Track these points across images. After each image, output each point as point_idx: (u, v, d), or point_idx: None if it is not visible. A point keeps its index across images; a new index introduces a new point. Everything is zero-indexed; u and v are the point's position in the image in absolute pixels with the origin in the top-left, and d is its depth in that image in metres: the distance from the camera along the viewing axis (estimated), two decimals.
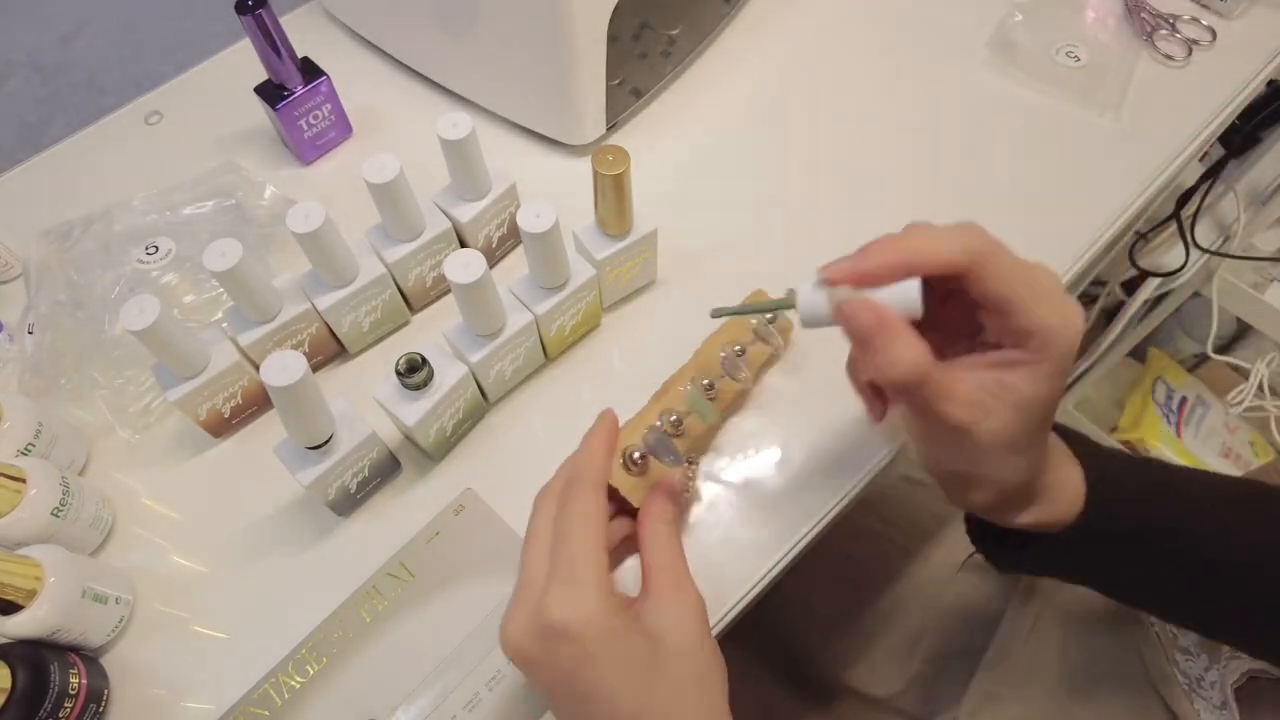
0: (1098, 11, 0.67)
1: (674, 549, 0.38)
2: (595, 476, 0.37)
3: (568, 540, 0.35)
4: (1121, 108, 0.61)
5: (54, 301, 0.51)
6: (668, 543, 0.38)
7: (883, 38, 0.68)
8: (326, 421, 0.42)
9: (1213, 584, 0.38)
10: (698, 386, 0.46)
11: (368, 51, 0.69)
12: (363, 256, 0.49)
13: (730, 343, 0.48)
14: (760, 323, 0.48)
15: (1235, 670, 0.42)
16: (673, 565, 0.38)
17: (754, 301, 0.40)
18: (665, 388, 0.46)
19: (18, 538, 0.41)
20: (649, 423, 0.43)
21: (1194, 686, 0.43)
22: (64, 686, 0.39)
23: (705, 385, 0.46)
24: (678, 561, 0.38)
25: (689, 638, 0.35)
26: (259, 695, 0.42)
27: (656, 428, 0.42)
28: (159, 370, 0.46)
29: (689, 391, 0.44)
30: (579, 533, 0.35)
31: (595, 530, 0.35)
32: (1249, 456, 1.26)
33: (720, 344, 0.48)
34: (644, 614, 0.36)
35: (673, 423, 0.43)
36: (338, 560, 0.46)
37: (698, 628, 0.36)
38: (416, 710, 0.42)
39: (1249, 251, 0.91)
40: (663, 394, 0.46)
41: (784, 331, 0.50)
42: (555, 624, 0.33)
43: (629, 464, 0.41)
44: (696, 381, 0.46)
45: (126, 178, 0.61)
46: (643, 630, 0.35)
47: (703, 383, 0.46)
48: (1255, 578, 0.38)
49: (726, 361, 0.47)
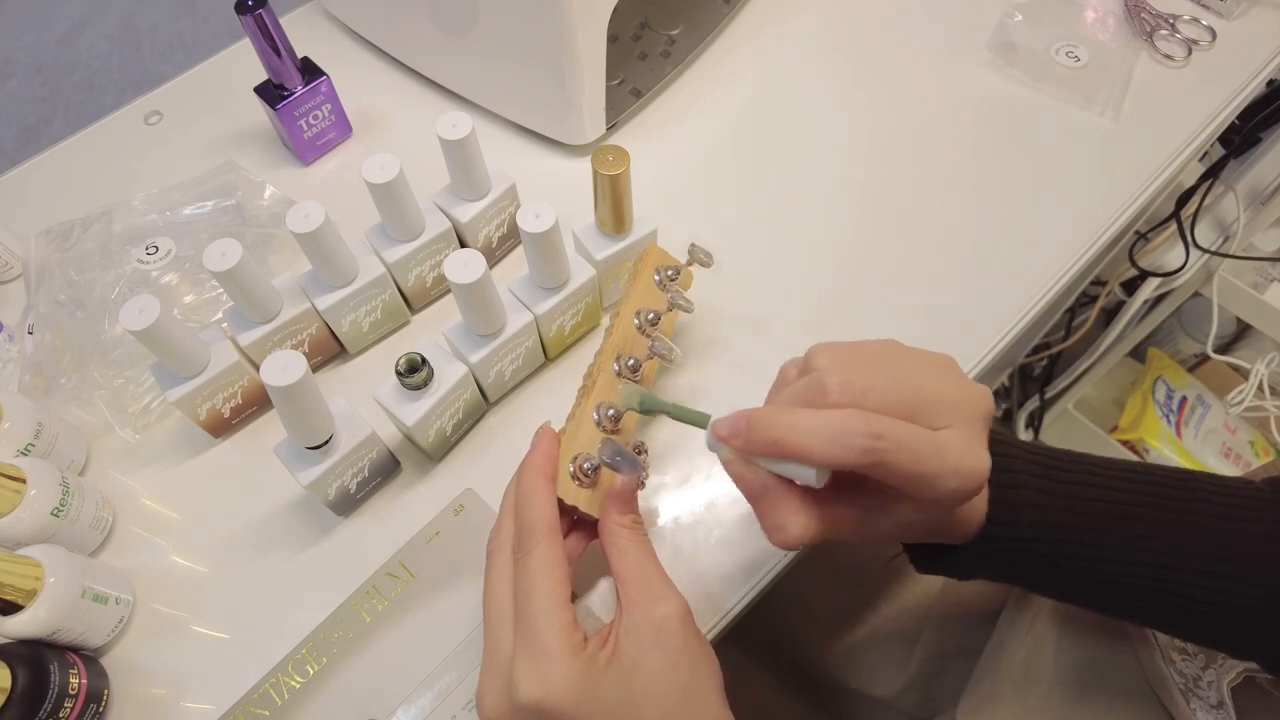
0: (1097, 11, 0.67)
1: (641, 554, 0.37)
2: (546, 524, 0.36)
3: (528, 602, 0.35)
4: (1121, 108, 0.61)
5: (54, 301, 0.51)
6: (633, 549, 0.37)
7: (883, 37, 0.68)
8: (326, 421, 0.42)
9: (1125, 588, 0.37)
10: (625, 369, 0.43)
11: (368, 51, 0.69)
12: (363, 256, 0.49)
13: (645, 310, 0.45)
14: (673, 291, 0.46)
15: (1231, 670, 0.42)
16: (641, 573, 0.36)
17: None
18: (591, 376, 0.43)
19: (18, 538, 0.41)
20: (587, 422, 0.41)
21: (1190, 687, 0.43)
22: (64, 686, 0.39)
23: (630, 366, 0.43)
24: (647, 567, 0.36)
25: (669, 653, 0.34)
26: (259, 695, 0.42)
27: (608, 438, 0.39)
28: (159, 370, 0.46)
29: (623, 389, 0.41)
30: (538, 590, 0.35)
31: (555, 584, 0.35)
32: (1249, 456, 1.26)
33: (633, 312, 0.45)
34: (621, 639, 0.35)
35: (611, 418, 0.41)
36: (338, 560, 0.46)
37: (677, 638, 0.34)
38: (416, 710, 0.42)
39: (1249, 251, 0.91)
40: (591, 387, 0.42)
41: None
42: (528, 704, 0.33)
43: (581, 475, 0.39)
44: (623, 362, 0.43)
45: (126, 178, 0.61)
46: (620, 665, 0.34)
47: (628, 363, 0.43)
48: (1170, 579, 0.37)
49: (656, 344, 0.43)
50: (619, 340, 0.44)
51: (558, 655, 0.33)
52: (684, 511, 0.47)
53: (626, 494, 0.38)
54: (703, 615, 0.44)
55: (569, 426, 0.41)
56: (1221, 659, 0.43)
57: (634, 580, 0.36)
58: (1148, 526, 0.37)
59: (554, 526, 0.36)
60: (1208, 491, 0.38)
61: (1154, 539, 0.37)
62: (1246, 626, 0.37)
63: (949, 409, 0.32)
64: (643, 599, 0.35)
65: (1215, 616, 0.37)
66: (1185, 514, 0.37)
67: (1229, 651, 0.42)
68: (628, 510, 0.38)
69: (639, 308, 0.45)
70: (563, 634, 0.33)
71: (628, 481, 0.38)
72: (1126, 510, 0.37)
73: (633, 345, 0.44)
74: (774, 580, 0.45)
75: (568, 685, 0.33)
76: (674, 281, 0.47)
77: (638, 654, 0.34)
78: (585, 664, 0.33)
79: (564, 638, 0.33)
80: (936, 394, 0.32)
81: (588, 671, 0.33)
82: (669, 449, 0.49)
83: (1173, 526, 0.37)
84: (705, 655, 0.36)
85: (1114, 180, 0.59)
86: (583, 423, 0.41)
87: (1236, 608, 0.37)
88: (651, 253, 0.48)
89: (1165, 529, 0.37)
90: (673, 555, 0.46)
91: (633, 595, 0.35)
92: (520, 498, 0.37)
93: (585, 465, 0.38)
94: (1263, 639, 0.37)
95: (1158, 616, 0.39)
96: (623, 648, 0.34)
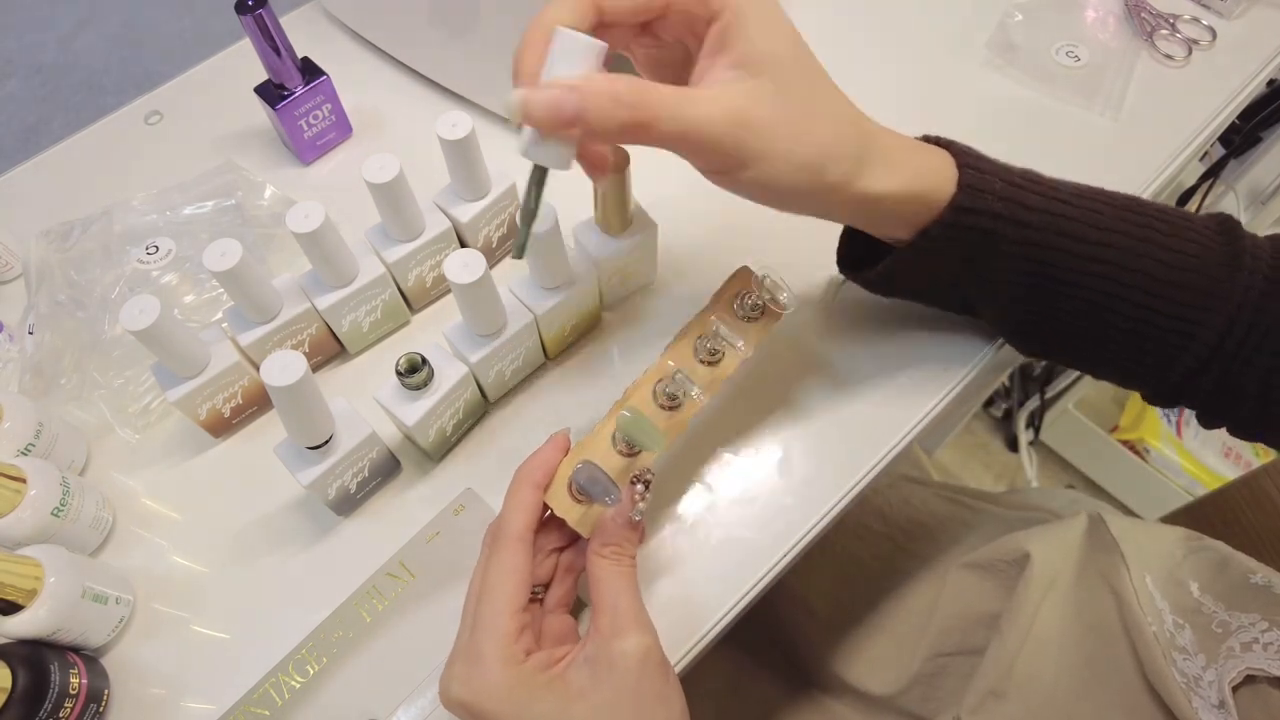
0: (1098, 11, 0.67)
1: (616, 585, 0.36)
2: (514, 530, 0.36)
3: (479, 603, 0.35)
4: (1121, 107, 0.61)
5: (54, 301, 0.51)
6: (607, 579, 0.36)
7: (882, 37, 0.68)
8: (326, 421, 0.42)
9: (1077, 299, 0.41)
10: (660, 395, 0.41)
11: (368, 51, 0.69)
12: (363, 256, 0.49)
13: (706, 337, 0.42)
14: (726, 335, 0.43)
15: (1233, 669, 0.42)
16: (611, 604, 0.35)
17: (638, 430, 0.37)
18: (627, 393, 0.41)
19: (18, 538, 0.41)
20: (603, 438, 0.40)
21: (1191, 685, 0.43)
22: (64, 686, 0.39)
23: (665, 388, 0.41)
24: (620, 598, 0.35)
25: (618, 690, 0.33)
26: (259, 695, 0.42)
27: (587, 462, 0.38)
28: (159, 370, 0.46)
29: (628, 418, 0.38)
30: (488, 594, 0.35)
31: (507, 590, 0.35)
32: (1249, 456, 1.26)
33: (695, 336, 0.43)
34: (574, 665, 0.35)
35: (626, 442, 0.39)
36: (338, 560, 0.46)
37: (630, 676, 0.34)
38: (416, 710, 0.42)
39: None
40: (622, 402, 0.41)
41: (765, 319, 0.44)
42: (455, 702, 0.34)
43: (574, 492, 0.38)
44: (660, 389, 0.41)
45: (126, 178, 0.61)
46: (564, 690, 0.34)
47: (664, 382, 0.41)
48: (1121, 280, 0.40)
49: (676, 379, 0.41)
50: (667, 360, 0.42)
51: (489, 662, 0.34)
52: (684, 511, 0.47)
53: (614, 524, 0.37)
54: (703, 615, 0.44)
55: (585, 439, 0.40)
56: (1223, 658, 0.43)
57: (602, 610, 0.36)
58: (1112, 237, 0.40)
59: (522, 534, 0.36)
60: (1150, 206, 0.43)
61: (1113, 243, 0.40)
62: (1169, 349, 0.41)
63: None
64: (606, 630, 0.35)
65: (1144, 332, 0.41)
66: (1139, 227, 0.41)
67: (1137, 378, 0.45)
68: (610, 541, 0.37)
69: (703, 332, 0.43)
70: (500, 642, 0.34)
71: (618, 512, 0.37)
72: (1092, 219, 0.41)
73: (682, 367, 0.42)
74: (775, 580, 0.46)
75: (492, 692, 0.33)
76: (753, 321, 0.44)
77: (587, 684, 0.34)
78: (517, 677, 0.33)
79: (500, 646, 0.34)
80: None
81: (518, 685, 0.33)
82: (670, 450, 0.49)
83: (1130, 237, 0.40)
84: (660, 699, 0.35)
85: (1114, 180, 0.58)
86: (598, 437, 0.40)
87: (1175, 320, 0.41)
88: (741, 276, 0.45)
89: (1125, 239, 0.41)
90: (673, 556, 0.46)
91: (599, 625, 0.35)
92: (505, 498, 0.38)
93: (576, 484, 0.38)
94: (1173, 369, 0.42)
95: (1091, 331, 0.43)
96: (572, 674, 0.34)
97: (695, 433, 0.49)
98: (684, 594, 0.45)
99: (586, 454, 0.39)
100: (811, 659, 0.64)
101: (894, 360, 0.51)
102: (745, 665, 0.67)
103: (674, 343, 0.43)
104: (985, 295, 0.44)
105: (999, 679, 0.49)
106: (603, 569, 0.36)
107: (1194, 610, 0.46)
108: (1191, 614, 0.46)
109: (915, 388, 0.50)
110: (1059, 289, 0.41)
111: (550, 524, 0.41)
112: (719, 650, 0.38)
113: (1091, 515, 0.53)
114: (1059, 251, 0.41)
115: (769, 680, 0.66)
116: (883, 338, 0.52)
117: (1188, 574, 0.47)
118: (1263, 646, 0.42)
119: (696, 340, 0.43)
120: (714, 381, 0.42)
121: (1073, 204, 0.41)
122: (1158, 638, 0.45)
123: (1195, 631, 0.45)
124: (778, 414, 0.50)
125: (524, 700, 0.33)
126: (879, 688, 0.58)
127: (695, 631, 0.44)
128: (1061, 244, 0.40)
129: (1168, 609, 0.46)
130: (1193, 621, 0.45)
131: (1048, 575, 0.50)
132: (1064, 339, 0.44)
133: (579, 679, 0.34)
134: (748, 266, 0.45)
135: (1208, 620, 0.45)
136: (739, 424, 0.50)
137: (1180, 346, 0.41)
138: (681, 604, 0.44)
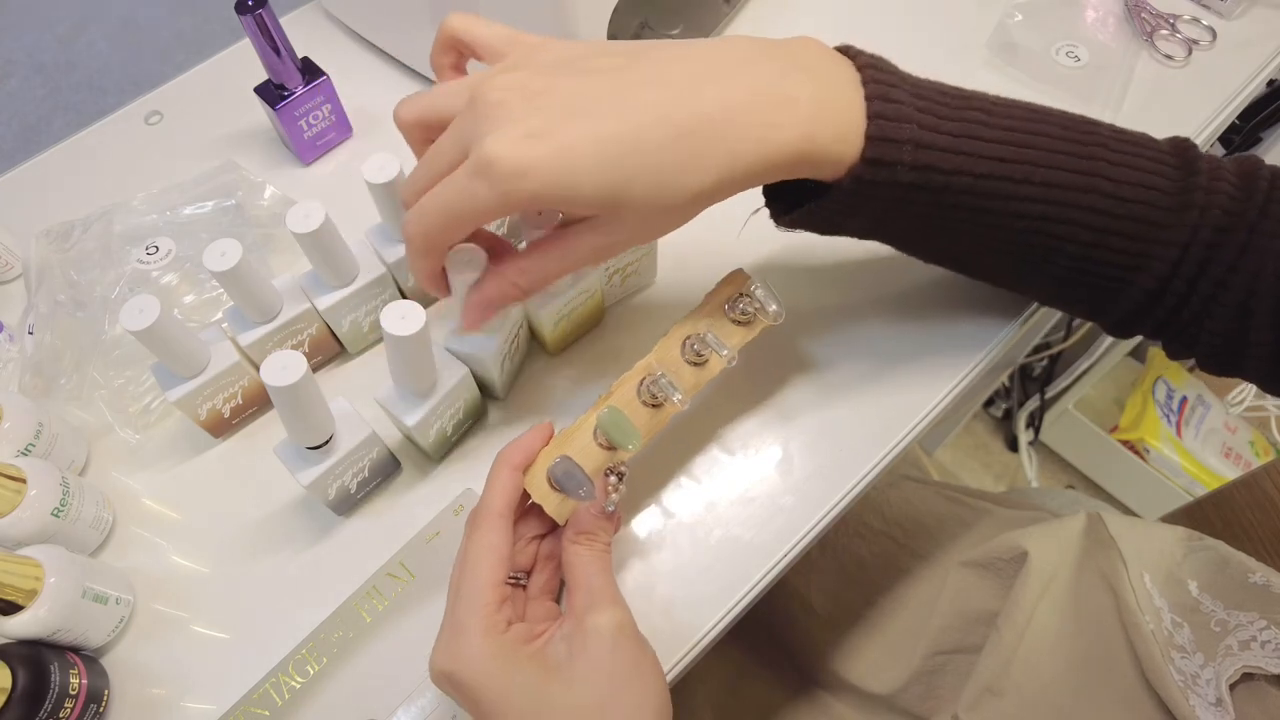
0: (1098, 11, 0.67)
1: (591, 566, 0.37)
2: (493, 510, 0.38)
3: (462, 579, 0.36)
4: (1121, 108, 0.61)
5: (54, 301, 0.51)
6: (581, 561, 0.38)
7: (882, 38, 0.68)
8: (326, 421, 0.42)
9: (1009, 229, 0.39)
10: (644, 392, 0.41)
11: (368, 51, 0.69)
12: (363, 256, 0.49)
13: (695, 336, 0.42)
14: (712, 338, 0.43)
15: (1230, 667, 0.42)
16: (586, 583, 0.37)
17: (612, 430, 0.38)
18: (610, 389, 0.41)
19: (18, 538, 0.42)
20: (585, 430, 0.40)
21: (1189, 683, 0.43)
22: (64, 686, 0.39)
23: (649, 388, 0.41)
24: (595, 579, 0.37)
25: (592, 662, 0.34)
26: (259, 695, 0.42)
27: (565, 456, 0.39)
28: (159, 370, 0.46)
29: (607, 416, 0.39)
30: (469, 570, 0.36)
31: (487, 566, 0.36)
32: (1249, 456, 1.26)
33: (684, 335, 0.43)
34: (552, 640, 0.36)
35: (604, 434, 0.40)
36: (338, 560, 0.46)
37: (604, 648, 0.35)
38: (416, 710, 0.42)
39: None
40: (606, 397, 0.41)
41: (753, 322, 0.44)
42: (440, 673, 0.35)
43: (551, 481, 0.39)
44: (645, 388, 0.41)
45: (126, 178, 0.61)
46: (542, 662, 0.35)
47: (649, 382, 0.41)
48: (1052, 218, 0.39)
49: (661, 380, 0.40)
50: (653, 359, 0.42)
51: (471, 632, 0.35)
52: (683, 511, 0.47)
53: (588, 515, 0.39)
54: (703, 615, 0.44)
55: (569, 429, 0.41)
56: (1220, 656, 0.43)
57: (577, 589, 0.37)
58: (1043, 158, 0.39)
59: (502, 511, 0.38)
60: (1105, 135, 0.40)
61: (1048, 197, 0.39)
62: (1115, 287, 0.40)
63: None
64: (580, 607, 0.36)
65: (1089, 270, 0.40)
66: (1083, 156, 0.39)
67: (1083, 314, 0.45)
68: (584, 530, 0.39)
69: (691, 333, 0.43)
70: (481, 613, 0.35)
71: (592, 503, 0.39)
72: (1023, 171, 0.39)
73: (667, 366, 0.42)
74: (775, 579, 0.46)
75: (475, 662, 0.34)
76: (742, 325, 0.44)
77: (564, 658, 0.35)
78: (499, 646, 0.35)
79: (481, 616, 0.35)
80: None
81: (500, 654, 0.34)
82: (670, 448, 0.49)
83: (1068, 166, 0.39)
84: (635, 672, 0.35)
85: None
86: (580, 428, 0.41)
87: (1115, 265, 0.40)
88: (735, 278, 0.45)
89: (1062, 165, 0.39)
90: (673, 555, 0.46)
91: (573, 603, 0.37)
92: (486, 479, 0.39)
93: (553, 477, 0.39)
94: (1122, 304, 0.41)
95: (1029, 275, 0.42)
96: (551, 647, 0.36)
97: (695, 432, 0.49)
98: (684, 594, 0.45)
99: (569, 444, 0.40)
100: (811, 657, 0.64)
101: (894, 360, 0.51)
102: (745, 664, 0.67)
103: (663, 340, 0.43)
104: (911, 240, 0.44)
105: (996, 677, 0.49)
106: (576, 554, 0.38)
107: (1192, 609, 0.46)
108: (1190, 612, 0.46)
109: (915, 388, 0.50)
110: (994, 232, 0.40)
111: (530, 513, 0.42)
112: (719, 650, 0.38)
113: (1090, 514, 0.53)
114: (984, 211, 0.39)
115: (769, 679, 0.66)
116: (883, 337, 0.52)
117: (1187, 573, 0.48)
118: (1261, 645, 0.42)
119: (685, 341, 0.43)
120: (697, 385, 0.43)
121: (1002, 142, 0.39)
122: (1155, 636, 0.45)
123: (1194, 630, 0.45)
124: (778, 413, 0.50)
125: (504, 669, 0.34)
126: (878, 686, 0.58)
127: (695, 632, 0.44)
128: (991, 204, 0.39)
129: (1166, 607, 0.46)
130: (1191, 620, 0.45)
131: (1046, 573, 0.50)
132: (999, 277, 0.45)
133: (556, 653, 0.35)
134: (742, 270, 0.45)
135: (1206, 619, 0.45)
136: (739, 423, 0.50)
137: (1118, 291, 0.41)
138: (681, 604, 0.44)
